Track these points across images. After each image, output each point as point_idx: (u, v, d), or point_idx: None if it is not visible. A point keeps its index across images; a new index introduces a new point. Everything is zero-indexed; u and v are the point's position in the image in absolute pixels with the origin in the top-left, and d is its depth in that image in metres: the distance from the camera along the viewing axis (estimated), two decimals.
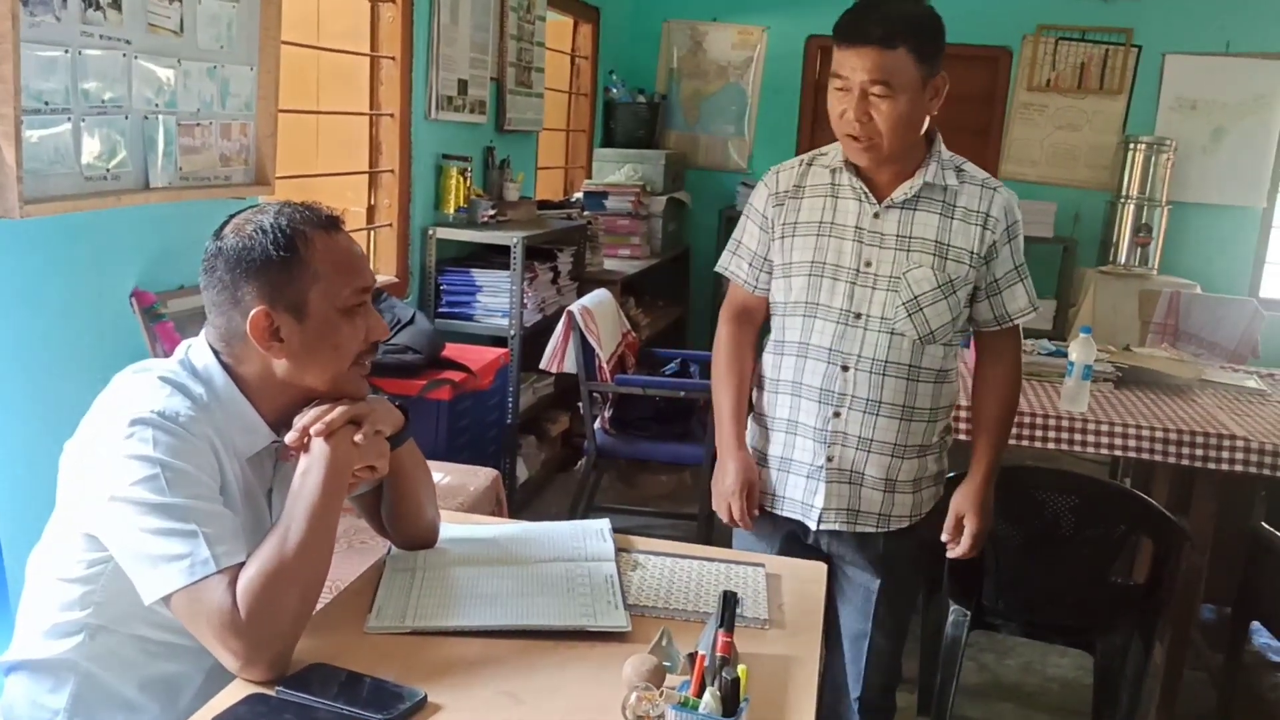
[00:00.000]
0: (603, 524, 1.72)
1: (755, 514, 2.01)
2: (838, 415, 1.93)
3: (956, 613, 2.51)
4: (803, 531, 2.01)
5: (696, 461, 3.54)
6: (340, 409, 1.35)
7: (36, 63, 1.92)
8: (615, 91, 5.83)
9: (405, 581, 1.48)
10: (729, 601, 1.23)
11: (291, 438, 1.34)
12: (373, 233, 3.66)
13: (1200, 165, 5.60)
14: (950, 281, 1.89)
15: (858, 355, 1.91)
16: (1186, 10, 5.54)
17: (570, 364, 3.62)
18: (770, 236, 2.00)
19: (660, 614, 1.47)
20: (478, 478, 2.74)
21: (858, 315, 1.90)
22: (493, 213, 3.96)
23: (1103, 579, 2.53)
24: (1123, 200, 5.48)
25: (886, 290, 1.89)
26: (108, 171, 2.15)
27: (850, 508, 1.96)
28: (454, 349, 3.29)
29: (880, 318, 1.89)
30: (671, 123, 6.20)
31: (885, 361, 1.90)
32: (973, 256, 1.90)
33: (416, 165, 3.72)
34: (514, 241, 3.70)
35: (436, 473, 1.64)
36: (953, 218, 1.89)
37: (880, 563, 2.00)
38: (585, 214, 4.84)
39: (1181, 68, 5.59)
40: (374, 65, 3.58)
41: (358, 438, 1.35)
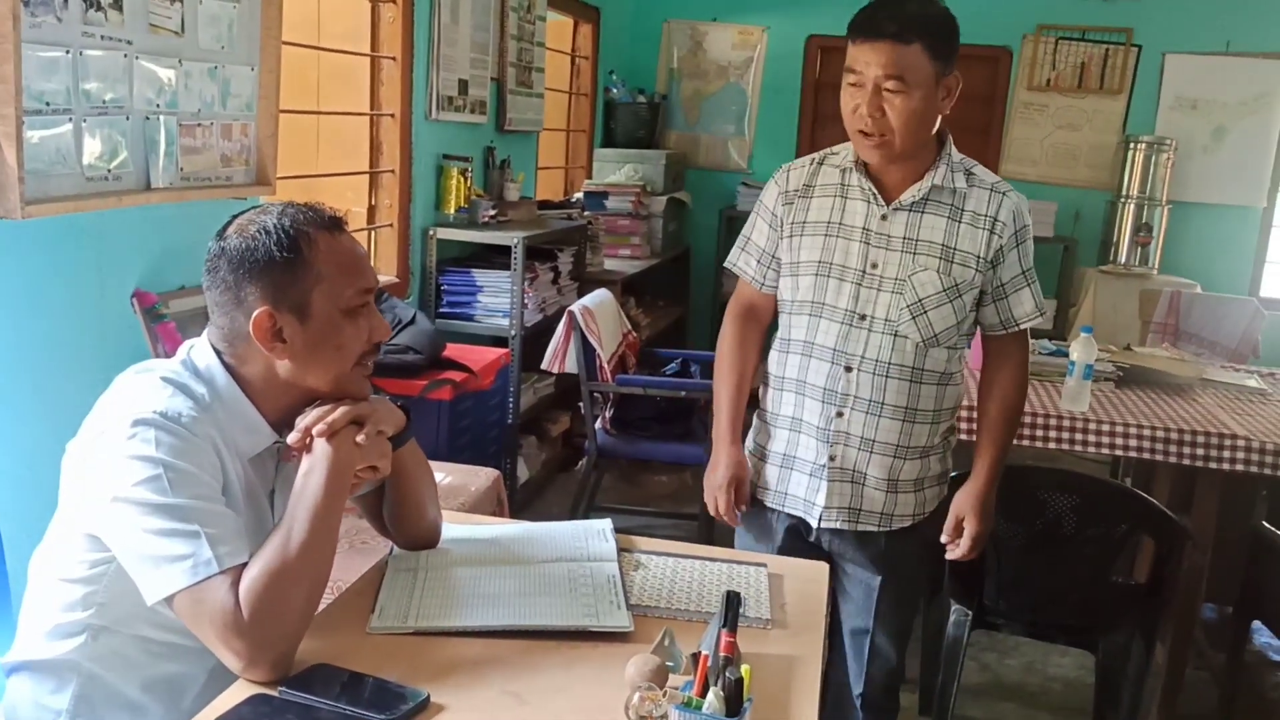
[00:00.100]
0: (605, 524, 1.72)
1: (742, 509, 2.04)
2: (840, 415, 1.93)
3: (958, 612, 2.51)
4: (805, 529, 2.01)
5: (697, 461, 3.54)
6: (342, 409, 1.35)
7: (38, 63, 1.92)
8: (615, 91, 5.83)
9: (407, 582, 1.48)
10: (732, 601, 1.23)
11: (294, 438, 1.34)
12: (373, 233, 3.66)
13: (1200, 165, 5.60)
14: (956, 285, 1.89)
15: (861, 356, 1.91)
16: (1186, 10, 5.54)
17: (571, 364, 3.62)
18: (779, 235, 2.00)
19: (663, 614, 1.47)
20: (479, 478, 2.74)
21: (862, 316, 1.90)
22: (493, 213, 3.96)
23: (1104, 578, 2.53)
24: (1123, 200, 5.48)
25: (891, 292, 1.89)
26: (109, 172, 2.15)
27: (852, 506, 1.96)
28: (455, 349, 3.29)
29: (884, 319, 1.90)
30: (672, 123, 6.20)
31: (888, 363, 1.90)
32: (979, 261, 1.89)
33: (417, 165, 3.72)
34: (514, 241, 3.70)
35: (437, 473, 1.64)
36: (960, 221, 1.89)
37: (882, 561, 2.00)
38: (586, 214, 4.84)
39: (1182, 67, 5.59)
40: (374, 65, 3.58)
41: (360, 438, 1.35)
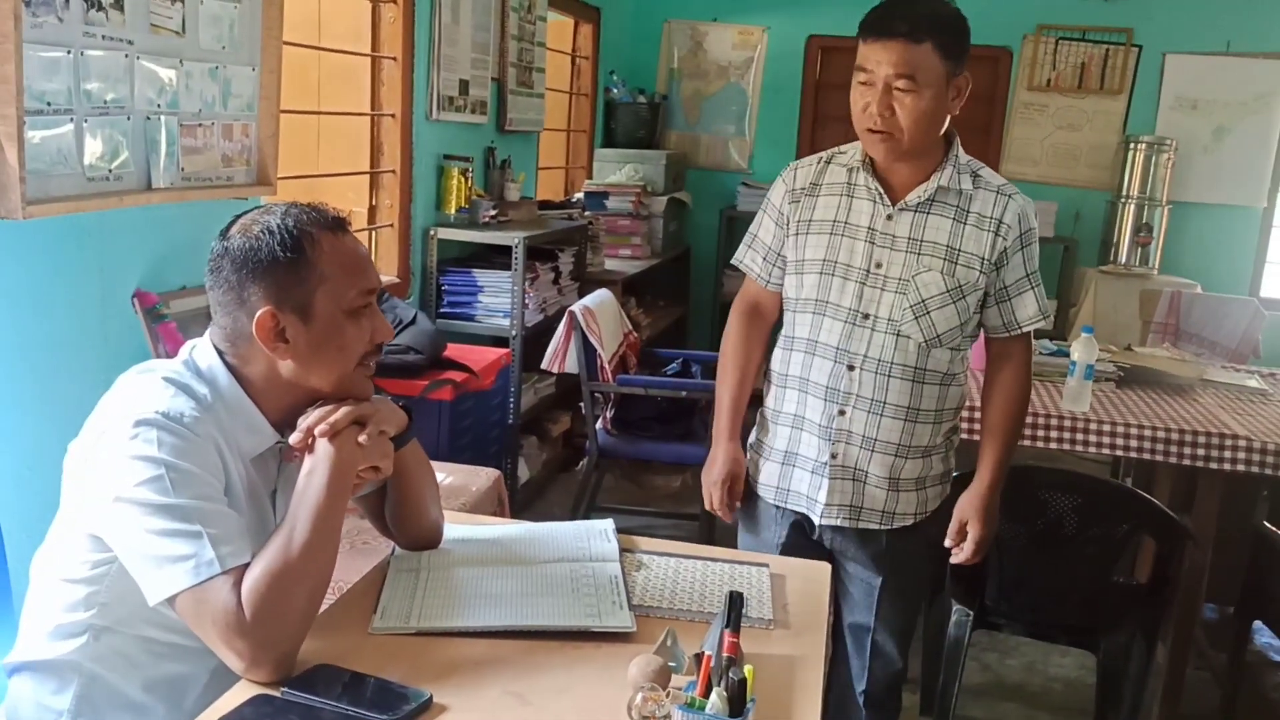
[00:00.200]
0: (607, 524, 1.71)
1: (736, 505, 2.08)
2: (842, 414, 1.94)
3: (959, 613, 2.51)
4: (808, 526, 2.02)
5: (698, 462, 3.47)
6: (345, 409, 1.35)
7: (39, 63, 1.92)
8: (616, 92, 5.83)
9: (410, 582, 1.48)
10: (735, 602, 1.23)
11: (296, 438, 1.34)
12: (374, 233, 3.66)
13: (1201, 165, 5.60)
14: (959, 286, 1.89)
15: (864, 355, 1.91)
16: (1187, 10, 5.54)
17: (571, 364, 3.62)
18: (785, 232, 2.01)
19: (665, 614, 1.47)
20: (479, 478, 2.74)
21: (866, 315, 1.91)
22: (494, 213, 3.96)
23: (1105, 578, 2.53)
24: (1123, 200, 5.48)
25: (895, 292, 1.90)
26: (110, 172, 2.15)
27: (853, 504, 1.97)
28: (455, 349, 3.28)
29: (887, 319, 1.90)
30: (672, 123, 6.20)
31: (891, 363, 1.91)
32: (983, 262, 1.90)
33: (418, 165, 3.72)
34: (515, 242, 3.70)
35: (438, 473, 1.64)
36: (965, 223, 1.90)
37: (883, 559, 2.00)
38: (586, 214, 4.84)
39: (1182, 67, 5.59)
40: (375, 65, 3.58)
41: (362, 438, 1.35)
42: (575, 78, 5.65)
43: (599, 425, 3.65)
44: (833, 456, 1.95)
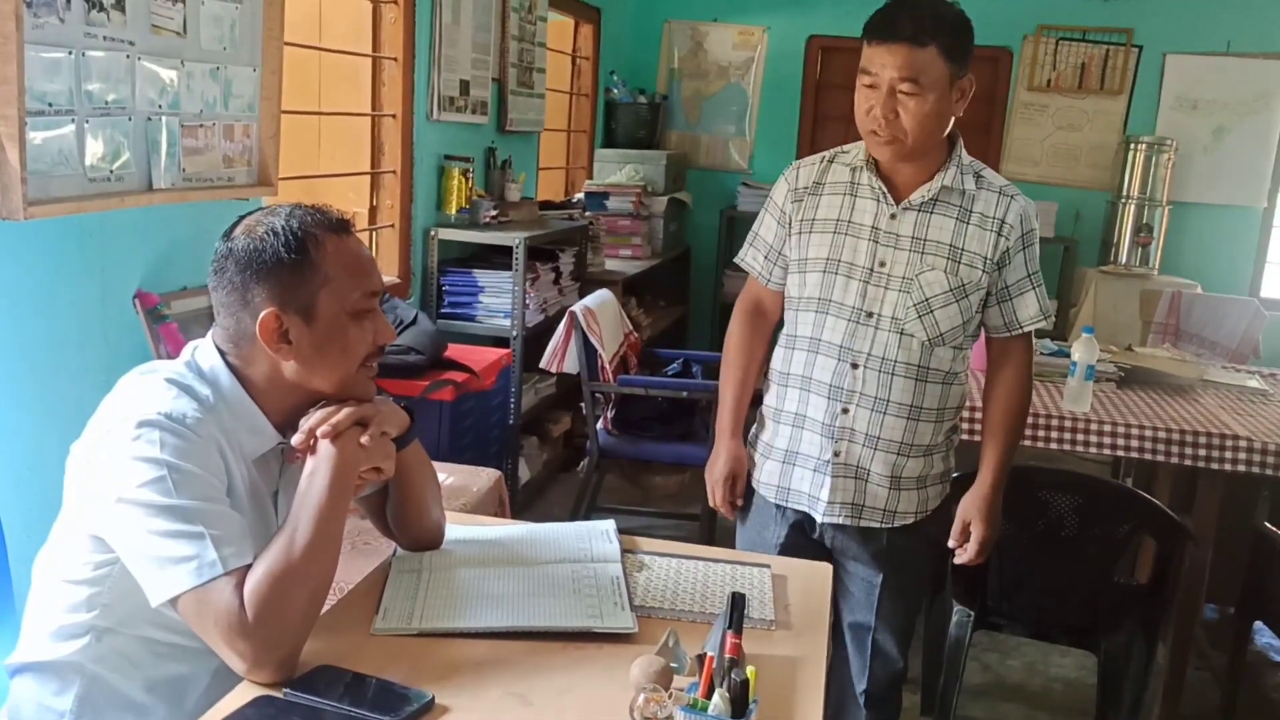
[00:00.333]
0: (608, 525, 1.72)
1: (738, 503, 2.10)
2: (846, 412, 1.94)
3: (960, 613, 2.51)
4: (809, 525, 2.02)
5: (699, 462, 3.49)
6: (346, 411, 1.35)
7: (40, 64, 1.92)
8: (616, 92, 5.83)
9: (411, 583, 1.48)
10: (737, 603, 1.23)
11: (298, 439, 1.34)
12: (375, 233, 3.66)
13: (1201, 165, 5.60)
14: (962, 285, 1.90)
15: (868, 354, 1.92)
16: (1187, 10, 5.54)
17: (570, 364, 3.62)
18: (787, 232, 2.01)
19: (667, 615, 1.47)
20: (480, 478, 2.74)
21: (869, 314, 1.92)
22: (494, 213, 3.96)
23: (1106, 579, 2.53)
24: (1123, 200, 5.48)
25: (899, 291, 1.90)
26: (111, 173, 2.15)
27: (855, 502, 1.98)
28: (456, 350, 3.28)
29: (891, 317, 1.91)
30: (672, 123, 6.20)
31: (894, 361, 1.92)
32: (986, 262, 1.91)
33: (418, 166, 3.72)
34: (516, 242, 3.70)
35: (439, 473, 1.64)
36: (968, 223, 1.91)
37: (884, 557, 2.01)
38: (587, 214, 4.84)
39: (1182, 68, 5.59)
40: (376, 66, 3.58)
41: (364, 439, 1.35)
42: (576, 78, 5.65)
43: (600, 425, 3.65)
44: (835, 454, 1.95)
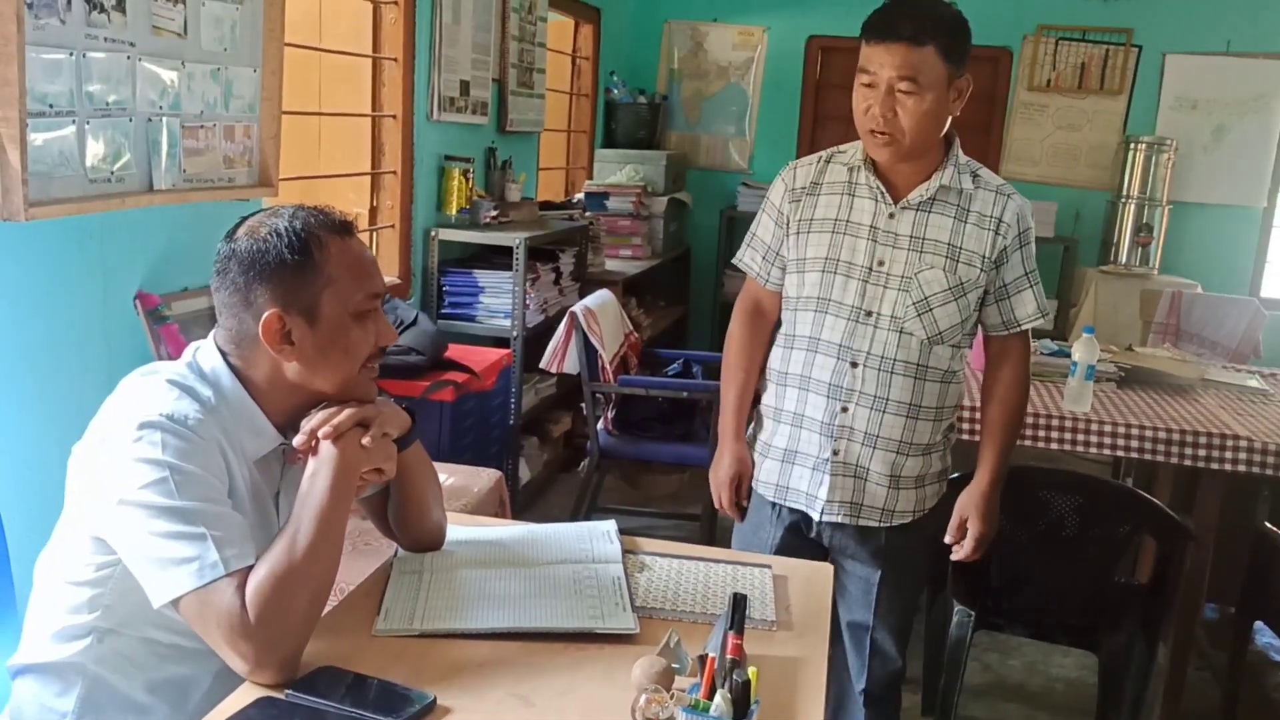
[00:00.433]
0: (609, 525, 1.72)
1: (743, 504, 2.10)
2: (845, 410, 1.95)
3: (961, 613, 2.51)
4: (806, 524, 2.03)
5: (700, 462, 3.53)
6: (348, 412, 1.35)
7: (41, 65, 1.92)
8: (616, 92, 5.83)
9: (413, 584, 1.48)
10: (739, 603, 1.23)
11: (299, 440, 1.34)
12: (375, 234, 3.66)
13: (1201, 165, 5.60)
14: (961, 284, 1.91)
15: (867, 352, 1.93)
16: (1186, 10, 5.54)
17: (570, 364, 3.62)
18: (784, 232, 2.02)
19: (668, 616, 1.47)
20: (481, 479, 2.74)
21: (869, 313, 1.92)
22: (495, 214, 3.96)
23: (1107, 579, 2.53)
24: (1123, 200, 5.48)
25: (898, 290, 1.91)
26: (112, 174, 2.15)
27: (854, 501, 1.98)
28: (456, 350, 3.28)
29: (890, 316, 1.92)
30: (672, 123, 6.20)
31: (894, 359, 1.92)
32: (984, 260, 1.91)
33: (419, 166, 3.72)
34: (516, 242, 3.70)
35: (440, 474, 1.64)
36: (966, 221, 1.91)
37: (882, 556, 2.02)
38: (587, 215, 4.84)
39: (1182, 67, 5.59)
40: (376, 66, 3.58)
41: (365, 440, 1.35)
42: (575, 78, 5.66)
43: (600, 426, 3.65)
44: (834, 453, 1.96)
